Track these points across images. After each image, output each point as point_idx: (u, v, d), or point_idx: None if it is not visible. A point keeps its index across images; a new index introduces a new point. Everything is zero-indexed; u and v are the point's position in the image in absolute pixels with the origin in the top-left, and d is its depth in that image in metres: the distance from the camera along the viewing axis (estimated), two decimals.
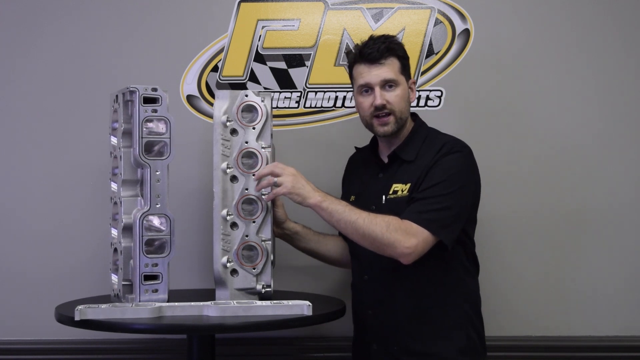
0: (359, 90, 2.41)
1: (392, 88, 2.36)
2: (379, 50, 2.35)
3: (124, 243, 2.35)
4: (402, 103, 2.37)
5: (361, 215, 2.23)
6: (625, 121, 2.88)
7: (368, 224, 2.21)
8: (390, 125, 2.37)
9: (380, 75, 2.36)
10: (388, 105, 2.36)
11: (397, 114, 2.37)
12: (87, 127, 2.83)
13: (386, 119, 2.37)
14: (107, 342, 2.79)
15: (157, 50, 2.86)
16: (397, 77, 2.37)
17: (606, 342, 2.85)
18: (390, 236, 2.19)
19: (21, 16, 2.85)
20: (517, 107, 2.88)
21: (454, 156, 2.30)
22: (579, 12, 2.88)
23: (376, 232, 2.20)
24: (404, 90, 2.38)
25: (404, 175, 2.36)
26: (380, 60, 2.36)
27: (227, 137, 2.39)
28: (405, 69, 2.41)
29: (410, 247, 2.19)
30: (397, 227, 2.19)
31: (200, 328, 2.20)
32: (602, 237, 2.87)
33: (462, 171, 2.30)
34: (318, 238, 2.59)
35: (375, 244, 2.22)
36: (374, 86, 2.37)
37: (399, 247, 2.19)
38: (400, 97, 2.37)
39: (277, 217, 2.50)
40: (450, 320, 2.34)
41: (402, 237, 2.19)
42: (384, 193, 2.37)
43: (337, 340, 2.83)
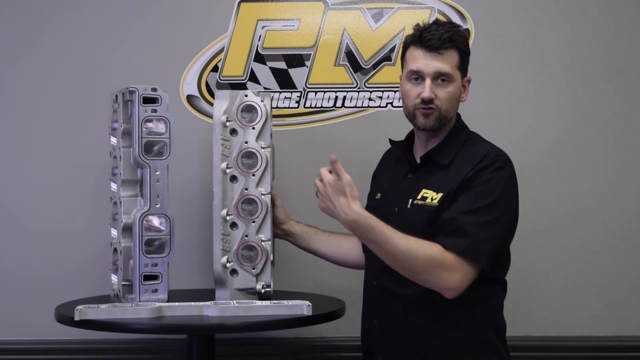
0: (408, 75, 2.18)
1: (445, 83, 2.15)
2: (440, 39, 2.13)
3: (123, 243, 2.35)
4: (451, 101, 2.17)
5: (399, 245, 1.99)
6: (626, 121, 2.88)
7: (408, 257, 2.00)
8: (432, 119, 2.16)
9: (435, 66, 2.14)
10: (436, 101, 2.15)
11: (443, 111, 2.16)
12: (87, 127, 2.83)
13: (429, 112, 2.16)
14: (107, 342, 2.79)
15: (157, 50, 2.86)
16: (453, 71, 2.15)
17: (606, 342, 2.85)
18: (433, 273, 2.00)
19: (21, 16, 2.85)
20: (517, 107, 2.88)
21: (499, 174, 2.09)
22: (578, 12, 2.88)
23: (418, 267, 2.00)
24: (456, 88, 2.18)
25: (437, 181, 2.16)
26: (439, 50, 2.14)
27: (227, 137, 2.39)
28: (464, 65, 2.20)
29: (456, 283, 2.00)
30: (440, 263, 1.99)
31: (200, 328, 2.20)
32: (602, 237, 2.87)
33: (507, 189, 2.09)
34: (320, 237, 2.52)
35: (416, 278, 2.03)
36: (426, 76, 2.15)
37: (443, 285, 2.01)
38: (450, 95, 2.16)
39: (276, 218, 2.49)
40: (465, 342, 2.12)
41: (447, 274, 2.00)
42: (411, 196, 2.17)
43: (337, 340, 2.83)
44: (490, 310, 2.17)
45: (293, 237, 2.53)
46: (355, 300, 2.59)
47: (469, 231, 2.01)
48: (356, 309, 2.56)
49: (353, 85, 2.86)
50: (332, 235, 2.53)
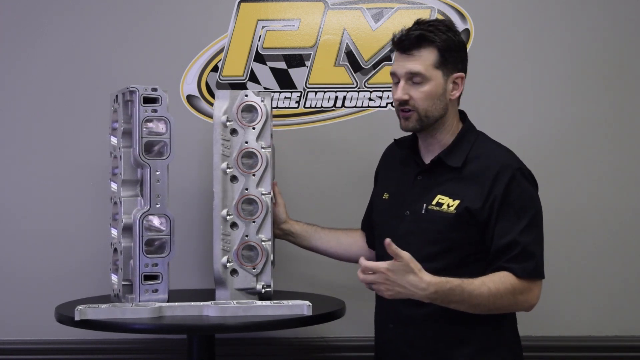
0: (392, 78, 2.21)
1: (418, 84, 2.13)
2: (409, 39, 2.13)
3: (124, 243, 2.35)
4: (428, 100, 2.13)
5: (483, 295, 2.02)
6: (626, 121, 2.88)
7: (493, 301, 2.04)
8: (412, 122, 2.16)
9: (406, 67, 2.13)
10: (410, 102, 2.14)
11: (421, 112, 2.14)
12: (87, 127, 2.83)
13: (407, 114, 2.16)
14: (107, 342, 2.79)
15: (157, 50, 2.86)
16: (426, 71, 2.12)
17: (606, 342, 2.85)
18: (517, 302, 2.09)
19: (21, 16, 2.85)
20: (517, 107, 2.88)
21: (524, 182, 2.12)
22: (578, 12, 2.88)
23: (504, 304, 2.07)
24: (434, 86, 2.13)
25: (452, 187, 2.14)
26: (410, 50, 2.13)
27: (227, 137, 2.39)
28: (446, 62, 2.14)
29: (534, 301, 2.12)
30: (521, 291, 2.07)
31: (200, 328, 2.20)
32: (602, 237, 2.87)
33: (535, 196, 2.15)
34: (321, 235, 2.53)
35: (502, 312, 2.12)
36: (400, 78, 2.16)
37: (526, 307, 2.13)
38: (426, 94, 2.13)
39: (277, 217, 2.49)
40: (483, 343, 2.15)
41: (527, 297, 2.09)
42: (426, 201, 2.16)
43: (337, 341, 2.83)
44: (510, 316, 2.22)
45: (293, 236, 2.53)
46: (356, 301, 2.59)
47: (531, 252, 2.08)
48: (356, 309, 2.57)
49: (353, 85, 2.86)
50: (332, 232, 2.54)
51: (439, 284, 1.98)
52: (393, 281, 1.97)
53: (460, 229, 2.11)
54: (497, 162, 2.13)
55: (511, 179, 2.10)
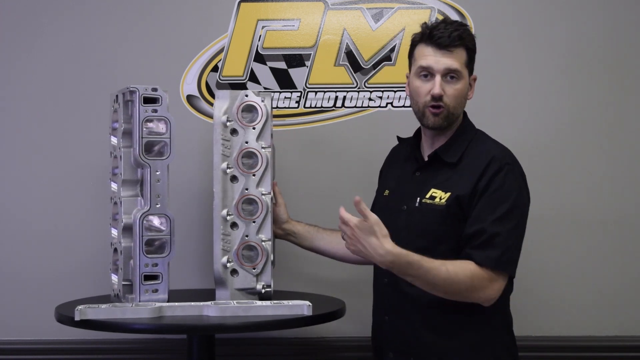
0: (418, 72, 2.19)
1: (454, 80, 2.17)
2: (450, 36, 2.15)
3: (124, 243, 2.35)
4: (459, 99, 2.19)
5: (440, 274, 2.03)
6: (626, 120, 2.88)
7: (450, 283, 2.04)
8: (441, 118, 2.18)
9: (445, 63, 2.15)
10: (444, 98, 2.16)
11: (451, 109, 2.18)
12: (87, 127, 2.83)
13: (438, 110, 2.18)
14: (107, 342, 2.79)
15: (157, 50, 2.86)
16: (461, 69, 2.17)
17: (606, 342, 2.85)
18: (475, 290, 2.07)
19: (21, 16, 2.85)
20: (517, 107, 2.88)
21: (510, 177, 2.14)
22: (577, 11, 2.88)
23: (461, 289, 2.06)
24: (464, 85, 2.19)
25: (445, 181, 2.18)
26: (449, 47, 2.15)
27: (227, 137, 2.39)
28: (471, 63, 2.21)
29: (494, 293, 2.09)
30: (480, 280, 2.06)
31: (200, 328, 2.20)
32: (602, 237, 2.87)
33: (520, 192, 2.17)
34: (322, 235, 2.53)
35: (457, 298, 2.09)
36: (436, 73, 2.16)
37: (484, 298, 2.09)
38: (459, 92, 2.17)
39: (278, 217, 2.50)
40: (475, 338, 2.16)
41: (487, 288, 2.07)
42: (420, 195, 2.20)
43: (337, 340, 2.83)
44: (501, 307, 2.19)
45: (295, 236, 2.54)
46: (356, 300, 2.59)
47: (497, 242, 2.07)
48: (356, 309, 2.56)
49: (353, 85, 2.86)
50: (334, 233, 2.53)
51: (398, 255, 2.00)
52: (357, 237, 2.01)
53: (448, 222, 2.14)
54: (489, 156, 2.16)
55: (497, 171, 2.13)
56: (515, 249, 2.13)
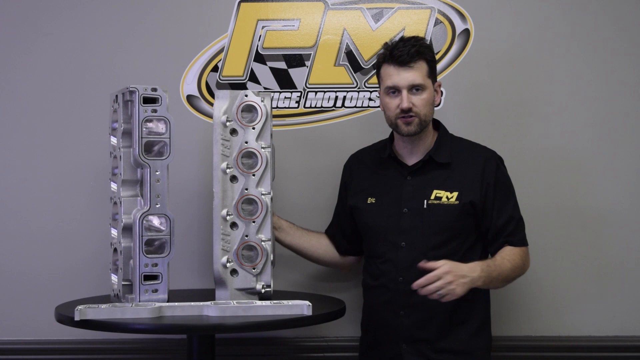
0: (386, 91, 2.43)
1: (419, 92, 2.40)
2: (409, 54, 2.38)
3: (123, 243, 2.35)
4: (427, 107, 2.41)
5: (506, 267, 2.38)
6: (625, 121, 2.88)
7: (513, 271, 2.40)
8: (414, 125, 2.41)
9: (408, 79, 2.39)
10: (414, 109, 2.39)
11: (422, 117, 2.41)
12: (87, 127, 2.83)
13: (410, 119, 2.40)
14: (107, 342, 2.79)
15: (157, 50, 2.86)
16: (424, 81, 2.40)
17: (606, 342, 2.85)
18: (525, 268, 2.47)
19: (21, 16, 2.85)
20: (517, 107, 2.88)
21: (503, 168, 2.49)
22: (578, 12, 2.88)
23: (519, 272, 2.44)
24: (430, 94, 2.42)
25: (445, 181, 2.43)
26: (409, 64, 2.39)
27: (227, 137, 2.39)
28: (432, 72, 2.44)
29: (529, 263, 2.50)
30: (524, 257, 2.45)
31: (200, 328, 2.20)
32: (602, 237, 2.87)
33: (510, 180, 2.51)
34: (302, 234, 2.62)
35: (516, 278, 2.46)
36: (402, 89, 2.39)
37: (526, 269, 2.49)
38: (426, 101, 2.40)
39: None
40: (478, 320, 2.45)
41: (527, 261, 2.48)
42: (424, 197, 2.42)
43: (337, 341, 2.83)
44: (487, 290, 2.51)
45: (279, 231, 2.58)
46: (356, 301, 2.59)
47: (521, 225, 2.47)
48: (356, 309, 2.57)
49: (353, 85, 2.86)
50: (312, 233, 2.64)
51: (480, 264, 2.33)
52: (457, 276, 2.24)
53: (463, 218, 2.42)
54: (480, 155, 2.48)
55: (497, 167, 2.46)
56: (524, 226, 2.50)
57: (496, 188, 2.43)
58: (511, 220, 2.43)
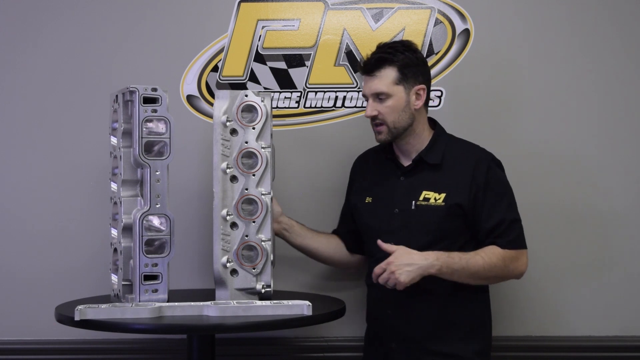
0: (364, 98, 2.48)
1: (383, 100, 2.40)
2: (371, 62, 2.41)
3: (123, 243, 2.35)
4: (393, 114, 2.40)
5: (477, 263, 2.32)
6: (625, 121, 2.88)
7: (488, 270, 2.33)
8: (384, 134, 2.43)
9: (371, 88, 2.41)
10: (379, 116, 2.41)
11: (390, 124, 2.41)
12: (87, 127, 2.83)
13: (379, 128, 2.43)
14: (107, 342, 2.79)
15: (157, 50, 2.86)
16: (388, 89, 2.39)
17: (606, 342, 2.85)
18: (509, 271, 2.39)
19: (20, 16, 2.85)
20: (517, 107, 2.88)
21: (496, 172, 2.43)
22: (579, 12, 2.88)
23: (496, 274, 2.36)
24: (397, 101, 2.40)
25: (435, 183, 2.41)
26: (373, 72, 2.41)
27: (227, 137, 2.39)
28: (407, 77, 2.41)
29: (524, 267, 2.42)
30: (510, 260, 2.37)
31: (200, 328, 2.20)
32: (602, 237, 2.87)
33: (507, 182, 2.46)
34: (312, 234, 2.62)
35: (497, 280, 2.44)
36: (369, 98, 2.43)
37: (518, 274, 2.42)
38: (391, 109, 2.40)
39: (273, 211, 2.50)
40: (470, 323, 2.42)
41: (517, 264, 2.39)
42: (413, 198, 2.41)
43: (337, 341, 2.83)
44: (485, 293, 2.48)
45: (289, 231, 2.58)
46: (356, 301, 2.59)
47: (512, 227, 2.39)
48: (356, 309, 2.57)
49: (353, 85, 2.86)
50: (322, 234, 2.64)
51: (438, 253, 2.30)
52: (400, 265, 2.25)
53: (450, 219, 2.38)
54: (473, 156, 2.43)
55: (488, 168, 2.41)
56: (521, 229, 2.44)
57: (486, 190, 2.38)
58: (502, 223, 2.38)
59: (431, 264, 2.26)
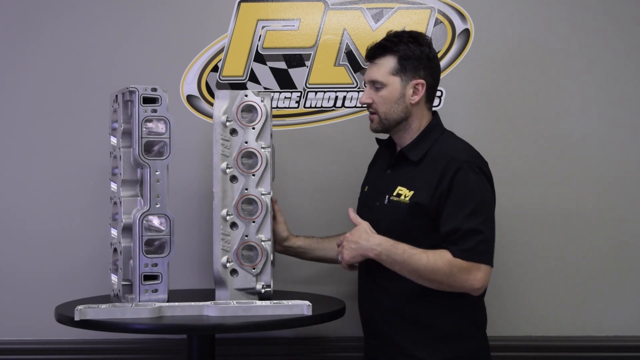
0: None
1: (378, 89, 2.33)
2: (373, 49, 2.35)
3: (123, 243, 2.35)
4: (385, 105, 2.32)
5: (421, 260, 2.18)
6: (625, 121, 2.88)
7: (430, 271, 2.18)
8: (374, 123, 2.36)
9: (369, 75, 2.36)
10: (373, 105, 2.35)
11: (381, 115, 2.34)
12: (86, 127, 2.83)
13: (371, 116, 2.37)
14: (107, 342, 2.79)
15: (157, 50, 2.86)
16: (383, 78, 2.31)
17: (606, 342, 2.85)
18: (456, 279, 2.18)
19: (21, 16, 2.85)
20: (517, 107, 2.88)
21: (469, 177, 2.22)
22: (578, 12, 2.88)
23: (440, 277, 2.18)
24: (391, 92, 2.31)
25: (409, 179, 2.30)
26: (373, 59, 2.35)
27: (226, 137, 2.39)
28: (405, 69, 2.31)
29: (479, 281, 2.19)
30: (459, 268, 2.17)
31: (200, 328, 2.20)
32: (602, 237, 2.87)
33: (482, 189, 2.24)
34: (323, 245, 2.56)
35: (443, 287, 2.21)
36: (366, 84, 2.38)
37: (468, 286, 2.19)
38: (383, 99, 2.32)
39: (278, 235, 2.50)
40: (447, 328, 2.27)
41: (467, 276, 2.18)
42: (388, 192, 2.32)
43: (337, 340, 2.83)
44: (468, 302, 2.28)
45: (295, 251, 2.55)
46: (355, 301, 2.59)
47: (471, 237, 2.18)
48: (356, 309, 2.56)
49: (353, 85, 2.86)
50: (333, 240, 2.56)
51: (384, 239, 2.22)
52: (349, 241, 2.25)
53: (411, 218, 2.26)
54: (447, 157, 2.26)
55: (457, 170, 2.22)
56: (488, 240, 2.21)
57: (449, 194, 2.21)
58: (456, 230, 2.18)
59: (371, 248, 2.21)
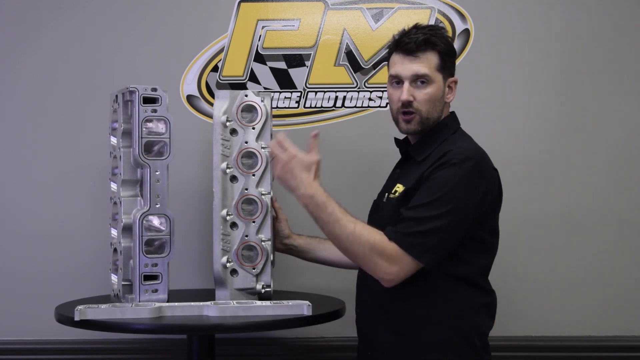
0: (390, 80, 2.21)
1: (424, 85, 2.15)
2: (416, 42, 2.14)
3: (123, 243, 2.35)
4: (430, 103, 2.15)
5: (347, 228, 2.03)
6: (624, 121, 2.88)
7: (352, 241, 2.03)
8: (414, 124, 2.17)
9: (412, 69, 2.15)
10: (415, 103, 2.15)
11: (424, 114, 2.16)
12: (87, 127, 2.83)
13: (409, 116, 2.17)
14: (107, 342, 2.79)
15: (157, 50, 2.86)
16: (431, 73, 2.14)
17: (606, 342, 2.85)
18: (372, 260, 2.02)
19: (21, 16, 2.85)
20: (517, 107, 2.88)
21: (450, 170, 2.05)
22: (578, 12, 2.88)
23: (358, 252, 2.04)
24: (436, 89, 2.16)
25: (406, 176, 2.18)
26: (415, 53, 2.15)
27: (227, 137, 2.39)
28: (446, 66, 2.17)
29: (392, 274, 2.02)
30: (380, 251, 2.01)
31: (200, 328, 2.20)
32: (601, 237, 2.87)
33: (458, 186, 2.04)
34: (325, 246, 2.51)
35: (358, 262, 2.08)
36: (404, 80, 2.16)
37: (380, 273, 2.03)
38: (429, 96, 2.15)
39: (280, 232, 2.50)
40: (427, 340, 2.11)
41: (384, 262, 2.01)
42: (389, 190, 2.21)
43: (337, 340, 2.83)
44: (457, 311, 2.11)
45: (297, 250, 2.54)
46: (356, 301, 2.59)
47: (410, 224, 2.02)
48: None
49: (353, 85, 2.86)
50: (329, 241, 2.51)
51: (320, 193, 2.06)
52: (290, 168, 2.07)
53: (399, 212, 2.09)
54: (440, 153, 2.11)
55: (442, 164, 2.07)
56: (433, 236, 2.02)
57: (426, 184, 2.06)
58: (405, 220, 2.03)
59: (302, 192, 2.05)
